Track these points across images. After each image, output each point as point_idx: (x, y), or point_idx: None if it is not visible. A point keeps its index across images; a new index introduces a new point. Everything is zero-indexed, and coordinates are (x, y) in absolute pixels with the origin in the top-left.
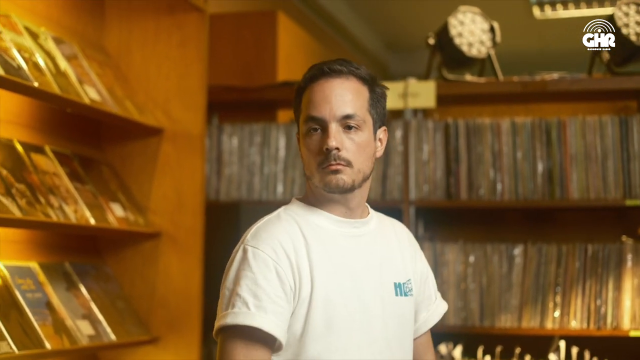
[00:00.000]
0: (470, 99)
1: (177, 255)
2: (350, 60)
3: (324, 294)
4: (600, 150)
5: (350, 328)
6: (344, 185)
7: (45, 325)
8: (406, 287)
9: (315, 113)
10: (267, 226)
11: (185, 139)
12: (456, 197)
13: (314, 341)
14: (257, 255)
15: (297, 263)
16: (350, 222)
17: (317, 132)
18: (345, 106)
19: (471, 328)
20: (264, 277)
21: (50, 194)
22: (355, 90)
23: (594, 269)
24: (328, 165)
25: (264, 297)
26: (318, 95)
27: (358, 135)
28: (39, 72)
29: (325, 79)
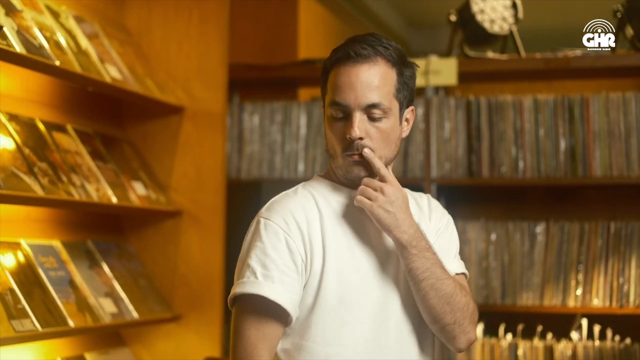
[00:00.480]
0: (492, 76)
1: (198, 233)
2: (379, 36)
3: (337, 267)
4: (624, 127)
5: (364, 302)
6: (365, 176)
7: (68, 303)
8: None
9: (340, 99)
10: (282, 199)
11: (206, 117)
12: (478, 174)
13: (325, 314)
14: (268, 226)
15: (309, 235)
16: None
17: (342, 118)
18: (370, 94)
19: (492, 306)
20: (273, 247)
21: (72, 173)
22: (382, 76)
23: (617, 247)
24: (351, 154)
25: (272, 267)
26: (343, 80)
27: (383, 123)
28: (60, 50)
29: (352, 63)
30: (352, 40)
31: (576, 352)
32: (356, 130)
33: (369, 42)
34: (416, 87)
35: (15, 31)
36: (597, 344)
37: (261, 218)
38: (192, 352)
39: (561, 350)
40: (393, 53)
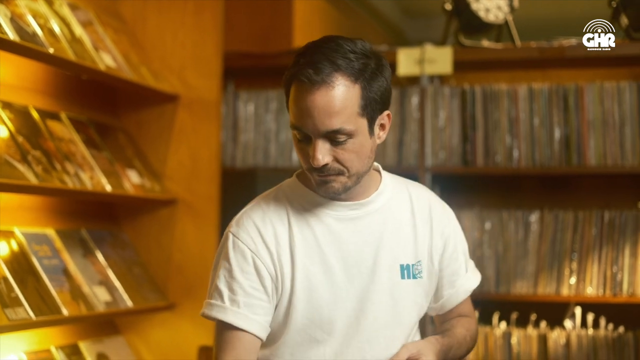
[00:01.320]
0: (487, 65)
1: (193, 221)
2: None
3: (307, 285)
4: (618, 117)
5: (337, 318)
6: (336, 192)
7: (62, 291)
8: (415, 269)
9: (298, 124)
10: (253, 212)
11: (201, 105)
12: (472, 163)
13: (295, 333)
14: (237, 246)
15: (277, 254)
16: (347, 205)
17: (305, 139)
18: (329, 121)
19: (487, 294)
20: (240, 270)
21: (66, 161)
22: (342, 98)
23: (611, 236)
24: (319, 177)
25: (238, 291)
26: (300, 105)
27: (349, 144)
28: (54, 38)
29: (307, 88)
30: (313, 52)
31: (570, 340)
32: (319, 159)
33: (330, 55)
34: (411, 75)
35: (8, 18)
36: (591, 333)
37: (230, 233)
38: (186, 340)
39: (555, 338)
40: (356, 64)
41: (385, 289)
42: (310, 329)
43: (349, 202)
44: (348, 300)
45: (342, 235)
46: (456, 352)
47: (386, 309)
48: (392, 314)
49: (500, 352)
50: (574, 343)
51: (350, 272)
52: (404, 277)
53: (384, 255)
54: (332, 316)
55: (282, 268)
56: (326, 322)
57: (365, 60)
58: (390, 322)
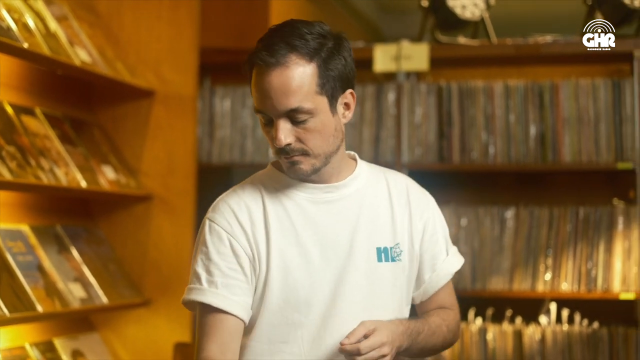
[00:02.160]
0: (464, 62)
1: (168, 217)
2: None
3: (282, 267)
4: (593, 114)
5: (313, 300)
6: (304, 173)
7: (36, 288)
8: (394, 252)
9: (260, 107)
10: (228, 197)
11: (177, 101)
12: (448, 160)
13: (271, 314)
14: (213, 229)
15: (253, 235)
16: (321, 188)
17: (268, 122)
18: (286, 101)
19: (462, 291)
20: (217, 252)
21: (41, 157)
22: (298, 77)
23: (585, 232)
24: (285, 158)
25: (216, 272)
26: (259, 87)
27: (310, 123)
28: (29, 33)
29: (263, 69)
30: (270, 35)
31: (545, 336)
32: (281, 139)
33: (285, 37)
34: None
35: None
36: (566, 328)
37: (207, 219)
38: (162, 337)
39: (530, 334)
40: (312, 44)
41: (362, 271)
42: (287, 311)
43: (323, 184)
44: (325, 282)
45: (317, 218)
46: (428, 340)
47: (363, 291)
48: (369, 297)
49: (475, 348)
50: (549, 339)
51: (326, 255)
52: (381, 260)
53: (360, 238)
54: (309, 298)
55: (258, 248)
56: (302, 303)
57: (322, 40)
58: (368, 305)
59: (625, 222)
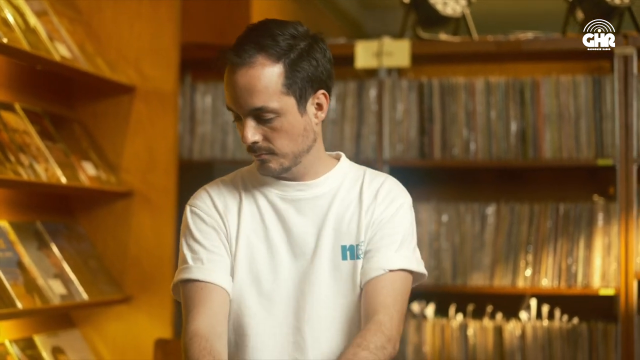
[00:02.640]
0: (445, 58)
1: (149, 214)
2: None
3: (249, 255)
4: (574, 110)
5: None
6: (273, 172)
7: (16, 284)
8: (358, 250)
9: (229, 104)
10: (209, 186)
11: (158, 97)
12: (430, 156)
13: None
14: (192, 212)
15: (226, 217)
16: (294, 185)
17: (238, 120)
18: (252, 100)
19: (443, 287)
20: (198, 230)
21: (21, 152)
22: (263, 77)
23: (566, 228)
24: (253, 155)
25: (199, 250)
26: (227, 86)
27: (276, 122)
28: (8, 28)
29: (232, 67)
30: (243, 36)
31: (525, 331)
32: (247, 137)
33: (254, 39)
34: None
35: None
36: (546, 324)
37: (187, 206)
38: (143, 333)
39: (510, 330)
40: (282, 45)
41: (327, 269)
42: (250, 301)
43: (295, 182)
44: (290, 279)
45: (287, 215)
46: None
47: (327, 289)
48: (333, 295)
49: (456, 344)
50: (529, 334)
51: (293, 252)
52: (346, 258)
53: (326, 236)
54: (272, 291)
55: (229, 233)
56: (265, 296)
57: (292, 41)
58: (331, 303)
59: (605, 218)
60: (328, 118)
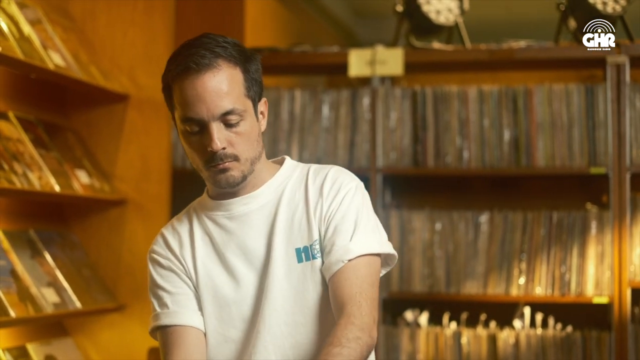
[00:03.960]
0: (438, 67)
1: (143, 222)
2: (214, 35)
3: (210, 285)
4: (566, 119)
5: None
6: (235, 181)
7: (9, 293)
8: (313, 249)
9: (192, 114)
10: (164, 228)
11: (152, 105)
12: (423, 164)
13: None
14: (152, 259)
15: (182, 256)
16: (237, 201)
17: (198, 131)
18: (222, 102)
19: (437, 295)
20: (159, 275)
21: (14, 161)
22: (229, 80)
23: (559, 236)
24: (215, 165)
25: (163, 295)
26: (190, 93)
27: (241, 126)
28: (2, 36)
29: (194, 74)
30: (188, 47)
31: (519, 340)
32: (217, 143)
33: (206, 46)
34: (363, 76)
35: None
36: (540, 332)
37: (149, 253)
38: (136, 342)
39: (504, 338)
40: (233, 51)
41: (282, 275)
42: (223, 329)
43: (239, 197)
44: (249, 294)
45: (237, 232)
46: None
47: (285, 295)
48: (293, 300)
49: (450, 352)
50: (523, 343)
51: (249, 266)
52: (301, 260)
53: (278, 242)
54: (241, 311)
55: (187, 267)
56: (237, 318)
57: (240, 48)
58: (292, 308)
59: (599, 226)
60: (321, 126)
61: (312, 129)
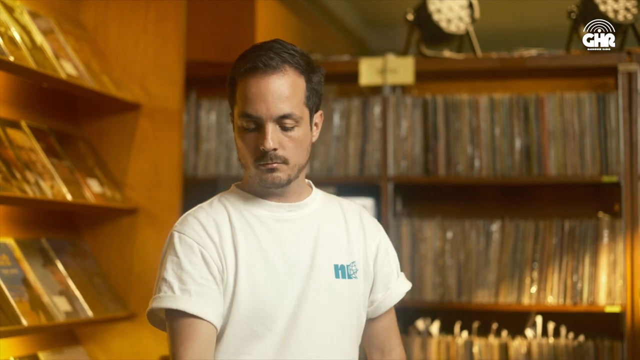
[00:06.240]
0: (449, 75)
1: (154, 231)
2: (284, 42)
3: (250, 279)
4: (578, 127)
5: (277, 314)
6: (280, 182)
7: (21, 301)
8: (350, 270)
9: (251, 111)
10: (196, 212)
11: (163, 114)
12: (434, 173)
13: (238, 326)
14: (183, 240)
15: (221, 246)
16: (284, 206)
17: (253, 129)
18: (282, 105)
19: (448, 304)
20: (189, 261)
21: (27, 170)
22: (292, 86)
23: (571, 245)
24: (265, 164)
25: (188, 281)
26: (253, 91)
27: (295, 132)
28: (15, 46)
29: (261, 74)
30: (258, 49)
31: (531, 349)
32: (270, 142)
33: (276, 50)
34: (373, 85)
35: None
36: (552, 341)
37: (175, 232)
38: (147, 351)
39: (516, 347)
40: (300, 60)
41: (322, 287)
42: (253, 323)
43: (285, 203)
44: (288, 297)
45: (282, 235)
46: None
47: (322, 306)
48: (328, 312)
49: None
50: (535, 352)
51: (290, 270)
52: (338, 277)
53: (320, 255)
54: (275, 311)
55: (226, 261)
56: (269, 316)
57: (307, 59)
58: (327, 319)
59: (611, 235)
60: (332, 135)
61: (323, 137)
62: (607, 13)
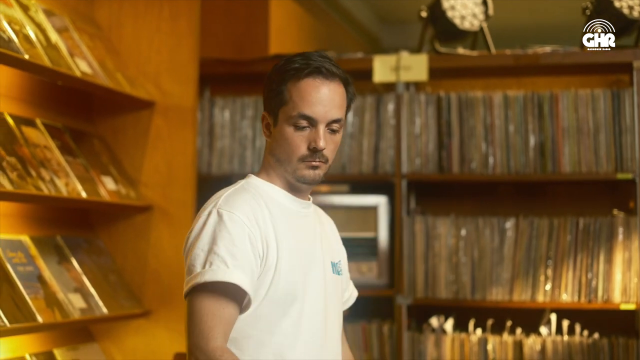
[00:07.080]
0: (463, 72)
1: (168, 228)
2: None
3: (289, 264)
4: (592, 124)
5: (304, 298)
6: (318, 179)
7: (37, 298)
8: (338, 267)
9: (310, 112)
10: (238, 195)
11: (177, 112)
12: (448, 170)
13: (274, 306)
14: (233, 219)
15: (265, 231)
16: (300, 202)
17: (305, 127)
18: (336, 111)
19: (462, 301)
20: (240, 240)
21: (42, 167)
22: (342, 96)
23: (585, 243)
24: (311, 161)
25: (240, 257)
26: (314, 94)
27: (337, 136)
28: (30, 44)
29: (322, 79)
30: (311, 56)
31: (545, 346)
32: (323, 142)
33: (330, 61)
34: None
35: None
36: (566, 339)
37: (224, 211)
38: (162, 347)
39: (530, 345)
40: (343, 73)
41: (329, 280)
42: (286, 304)
43: (301, 200)
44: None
45: (303, 230)
46: None
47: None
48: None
49: (476, 359)
50: (549, 349)
51: (313, 262)
52: (334, 273)
53: (324, 251)
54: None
55: (268, 245)
56: (299, 298)
57: (344, 71)
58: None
59: (625, 232)
60: (346, 132)
61: None
62: (622, 9)
